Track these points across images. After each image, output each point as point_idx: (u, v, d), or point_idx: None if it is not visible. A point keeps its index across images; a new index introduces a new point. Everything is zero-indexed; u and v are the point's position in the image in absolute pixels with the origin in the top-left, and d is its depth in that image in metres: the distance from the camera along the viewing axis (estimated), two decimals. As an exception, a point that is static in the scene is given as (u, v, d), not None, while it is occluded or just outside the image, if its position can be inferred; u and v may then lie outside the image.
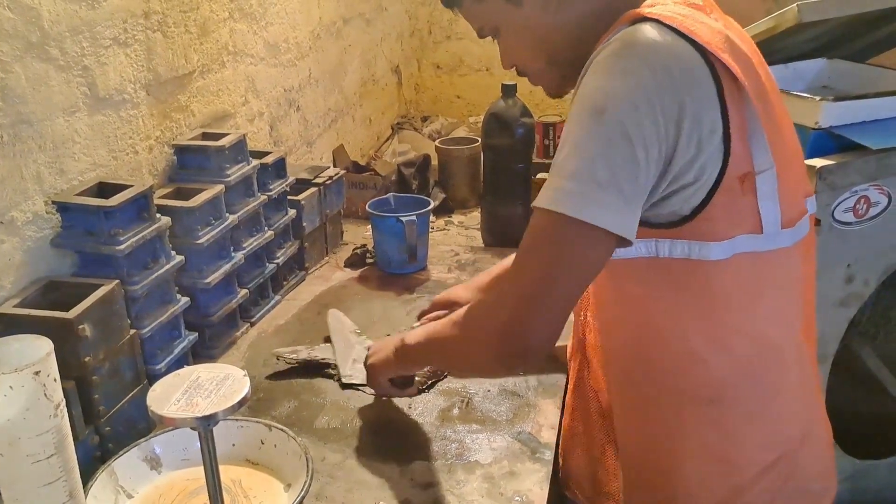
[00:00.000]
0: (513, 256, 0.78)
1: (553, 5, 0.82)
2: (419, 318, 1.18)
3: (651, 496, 0.88)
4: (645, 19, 0.74)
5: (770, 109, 0.78)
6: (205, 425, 0.72)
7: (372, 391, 1.08)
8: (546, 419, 1.04)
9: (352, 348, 1.19)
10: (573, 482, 1.02)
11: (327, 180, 1.53)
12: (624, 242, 0.71)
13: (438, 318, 1.14)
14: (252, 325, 1.31)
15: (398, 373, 1.01)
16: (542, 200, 0.72)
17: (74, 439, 0.77)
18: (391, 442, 1.00)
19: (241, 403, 0.73)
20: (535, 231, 0.74)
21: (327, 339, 1.24)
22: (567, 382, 1.09)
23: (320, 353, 1.19)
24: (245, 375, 0.77)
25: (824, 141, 1.43)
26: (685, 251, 0.77)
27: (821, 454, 0.89)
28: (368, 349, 1.08)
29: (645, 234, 0.75)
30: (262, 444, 0.95)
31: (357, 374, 1.12)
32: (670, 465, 0.85)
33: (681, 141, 0.71)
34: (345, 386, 1.12)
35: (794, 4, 1.41)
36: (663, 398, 0.84)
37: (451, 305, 1.12)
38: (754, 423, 0.82)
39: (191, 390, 0.75)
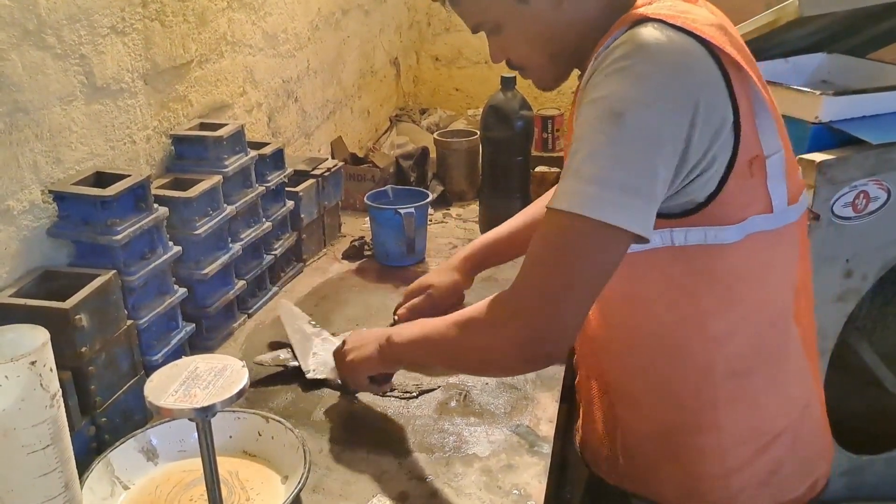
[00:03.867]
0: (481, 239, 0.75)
1: (562, 4, 0.83)
2: (396, 310, 1.20)
3: (667, 471, 0.90)
4: (647, 20, 0.75)
5: (768, 95, 0.80)
6: (202, 416, 0.71)
7: (338, 386, 1.07)
8: (544, 412, 1.04)
9: (309, 340, 1.16)
10: (590, 458, 1.03)
11: (325, 172, 1.52)
12: (641, 239, 0.74)
13: (415, 307, 1.16)
14: (249, 316, 1.31)
15: (381, 371, 0.99)
16: (561, 203, 0.73)
17: (70, 430, 0.77)
18: (389, 434, 1.00)
19: (239, 394, 0.73)
20: (555, 233, 0.74)
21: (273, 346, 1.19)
22: (565, 373, 1.10)
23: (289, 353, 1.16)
24: (243, 366, 0.76)
25: (824, 135, 1.43)
26: (700, 237, 0.79)
27: (820, 421, 0.95)
28: (343, 341, 1.03)
29: (660, 225, 0.77)
30: (260, 435, 0.95)
31: (320, 368, 1.09)
32: (691, 439, 0.87)
33: (695, 137, 0.73)
34: (309, 382, 1.08)
35: (795, -2, 1.40)
36: (686, 378, 0.86)
37: (425, 291, 1.16)
38: (773, 391, 0.87)
39: (188, 381, 0.74)
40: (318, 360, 1.11)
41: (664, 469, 0.90)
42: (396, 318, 1.19)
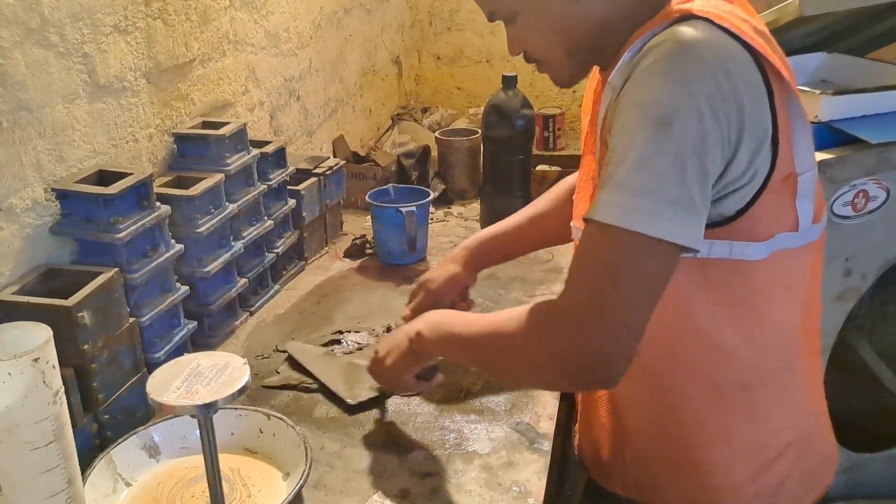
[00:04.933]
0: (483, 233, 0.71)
1: None
2: (410, 303, 1.16)
3: (673, 482, 0.89)
4: (692, 17, 0.71)
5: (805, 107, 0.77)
6: (205, 413, 0.72)
7: (389, 393, 1.04)
8: (544, 410, 1.04)
9: (334, 369, 1.12)
10: (587, 459, 1.02)
11: (327, 170, 1.53)
12: (690, 251, 0.71)
13: (418, 307, 1.11)
14: (251, 314, 1.31)
15: (421, 366, 0.95)
16: (608, 216, 0.69)
17: (73, 427, 0.77)
18: (390, 431, 1.01)
19: (241, 391, 0.73)
20: (604, 248, 0.70)
21: (293, 363, 1.16)
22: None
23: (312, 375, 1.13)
24: (245, 363, 0.77)
25: (824, 135, 1.43)
26: (725, 252, 0.76)
27: (826, 432, 0.93)
28: (375, 351, 0.99)
29: None
30: (261, 432, 0.96)
31: (359, 392, 1.06)
32: (698, 451, 0.86)
33: (742, 145, 0.71)
34: (355, 407, 1.04)
35: (796, -3, 1.40)
36: (694, 389, 0.84)
37: (424, 288, 1.13)
38: (781, 405, 0.85)
39: (191, 378, 0.75)
40: (354, 381, 1.07)
41: (668, 478, 0.89)
42: (403, 322, 1.16)
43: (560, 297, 0.73)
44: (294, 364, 1.15)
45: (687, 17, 0.72)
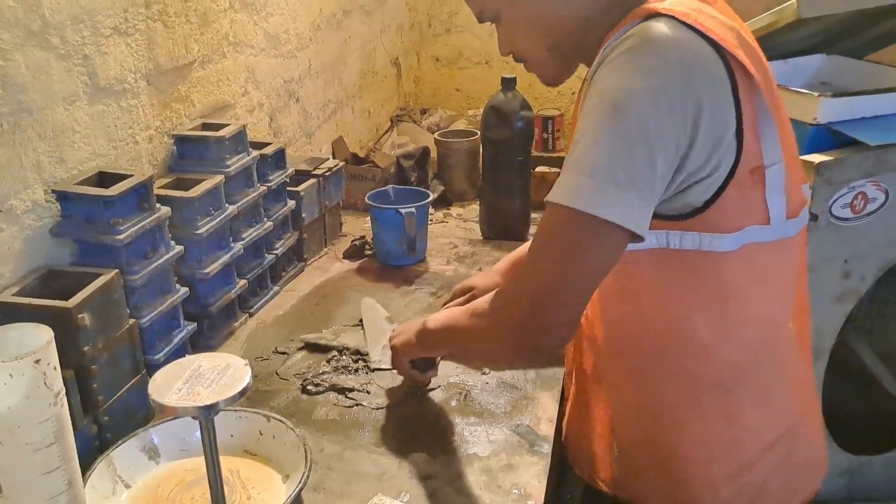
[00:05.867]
0: (528, 244, 0.79)
1: None
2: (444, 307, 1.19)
3: (653, 479, 0.89)
4: (659, 15, 0.74)
5: (777, 102, 0.79)
6: (206, 415, 0.72)
7: (398, 374, 1.10)
8: (544, 412, 1.04)
9: (382, 334, 1.21)
10: (579, 464, 1.02)
11: (326, 172, 1.53)
12: (636, 238, 0.73)
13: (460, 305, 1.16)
14: (251, 315, 1.31)
15: (419, 355, 1.02)
16: (557, 196, 0.73)
17: (73, 429, 0.77)
18: (389, 434, 1.01)
19: (242, 393, 0.73)
20: (551, 226, 0.74)
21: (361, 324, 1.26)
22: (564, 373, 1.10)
23: (347, 339, 1.21)
24: (246, 365, 0.77)
25: (822, 137, 1.43)
26: (696, 242, 0.78)
27: (814, 434, 0.93)
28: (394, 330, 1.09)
29: (655, 226, 0.76)
30: (261, 434, 0.95)
31: (385, 359, 1.13)
32: (677, 449, 0.86)
33: (698, 138, 0.73)
34: (374, 369, 1.14)
35: (794, 0, 1.41)
36: (673, 387, 0.85)
37: (468, 292, 1.16)
38: (760, 405, 0.85)
39: (192, 379, 0.75)
40: (386, 353, 1.14)
41: (649, 473, 0.89)
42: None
43: (517, 276, 0.78)
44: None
45: (653, 15, 0.75)
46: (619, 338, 0.90)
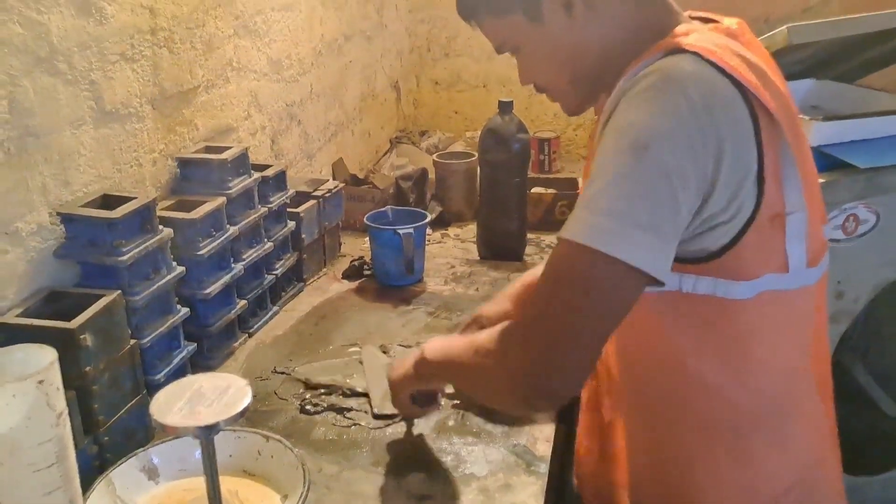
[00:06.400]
0: (540, 267, 0.74)
1: (577, 26, 0.81)
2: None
3: None
4: (682, 50, 0.73)
5: (801, 143, 0.77)
6: (206, 434, 0.73)
7: (401, 417, 1.06)
8: (541, 432, 1.05)
9: (384, 381, 1.13)
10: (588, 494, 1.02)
11: (326, 193, 1.55)
12: (656, 282, 0.69)
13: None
14: (250, 335, 1.32)
15: (418, 388, 0.98)
16: (573, 233, 0.69)
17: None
18: (387, 454, 1.01)
19: (242, 413, 0.74)
20: (565, 263, 0.70)
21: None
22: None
23: (355, 383, 1.17)
24: (247, 385, 0.78)
25: (814, 159, 1.45)
26: (710, 288, 0.75)
27: (833, 478, 0.89)
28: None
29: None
30: (259, 454, 0.96)
31: (388, 406, 1.08)
32: (688, 492, 0.84)
33: (720, 180, 0.70)
34: (377, 416, 1.08)
35: (784, 27, 1.43)
36: (685, 429, 0.83)
37: (477, 322, 1.09)
38: (774, 451, 0.82)
39: (193, 399, 0.76)
40: (388, 398, 1.08)
41: None
42: None
43: (523, 314, 0.73)
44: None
45: (677, 50, 0.73)
46: (632, 376, 0.87)
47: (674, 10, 0.84)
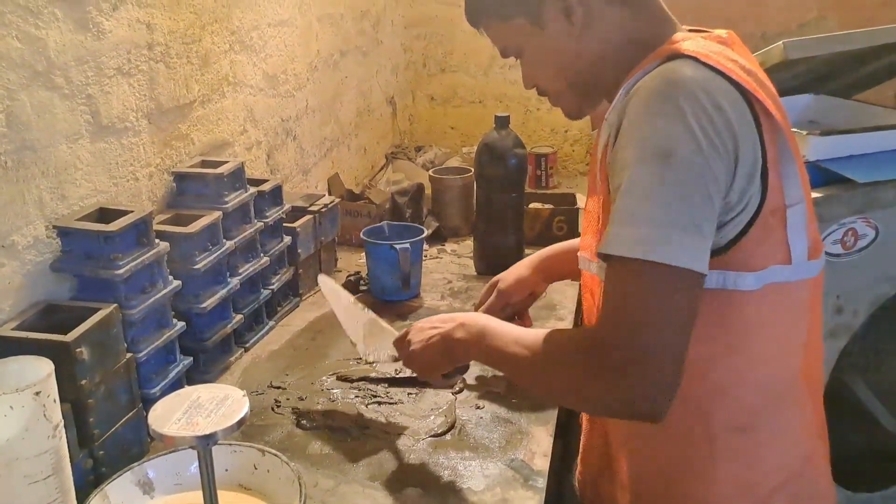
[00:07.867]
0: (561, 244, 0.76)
1: (577, 31, 0.84)
2: (476, 308, 1.20)
3: None
4: (681, 56, 0.75)
5: (795, 143, 0.80)
6: (204, 444, 0.72)
7: (401, 372, 1.07)
8: (539, 446, 1.05)
9: (358, 322, 1.14)
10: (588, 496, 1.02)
11: (322, 208, 1.55)
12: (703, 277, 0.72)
13: (490, 307, 1.18)
14: (246, 350, 1.32)
15: (454, 366, 0.98)
16: (622, 249, 0.71)
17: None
18: (384, 468, 1.01)
19: (239, 423, 0.74)
20: (629, 283, 0.72)
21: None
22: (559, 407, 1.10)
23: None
24: (244, 395, 0.78)
25: (812, 174, 1.43)
26: (720, 281, 0.78)
27: (822, 474, 0.92)
28: (406, 331, 1.01)
29: None
30: (255, 468, 0.95)
31: (378, 354, 1.06)
32: (691, 490, 0.85)
33: (737, 172, 0.73)
34: (370, 363, 1.07)
35: (781, 42, 1.45)
36: (692, 427, 0.84)
37: (494, 288, 1.18)
38: (774, 446, 0.85)
39: (191, 410, 0.75)
40: (376, 345, 1.07)
41: None
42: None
43: (603, 335, 0.73)
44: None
45: (675, 55, 0.76)
46: None
47: (670, 20, 0.87)
